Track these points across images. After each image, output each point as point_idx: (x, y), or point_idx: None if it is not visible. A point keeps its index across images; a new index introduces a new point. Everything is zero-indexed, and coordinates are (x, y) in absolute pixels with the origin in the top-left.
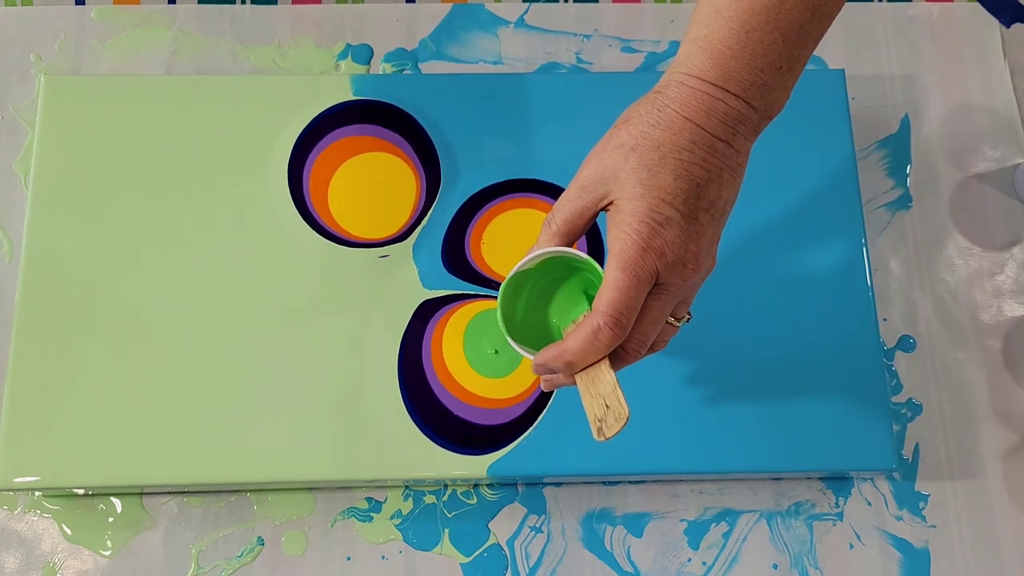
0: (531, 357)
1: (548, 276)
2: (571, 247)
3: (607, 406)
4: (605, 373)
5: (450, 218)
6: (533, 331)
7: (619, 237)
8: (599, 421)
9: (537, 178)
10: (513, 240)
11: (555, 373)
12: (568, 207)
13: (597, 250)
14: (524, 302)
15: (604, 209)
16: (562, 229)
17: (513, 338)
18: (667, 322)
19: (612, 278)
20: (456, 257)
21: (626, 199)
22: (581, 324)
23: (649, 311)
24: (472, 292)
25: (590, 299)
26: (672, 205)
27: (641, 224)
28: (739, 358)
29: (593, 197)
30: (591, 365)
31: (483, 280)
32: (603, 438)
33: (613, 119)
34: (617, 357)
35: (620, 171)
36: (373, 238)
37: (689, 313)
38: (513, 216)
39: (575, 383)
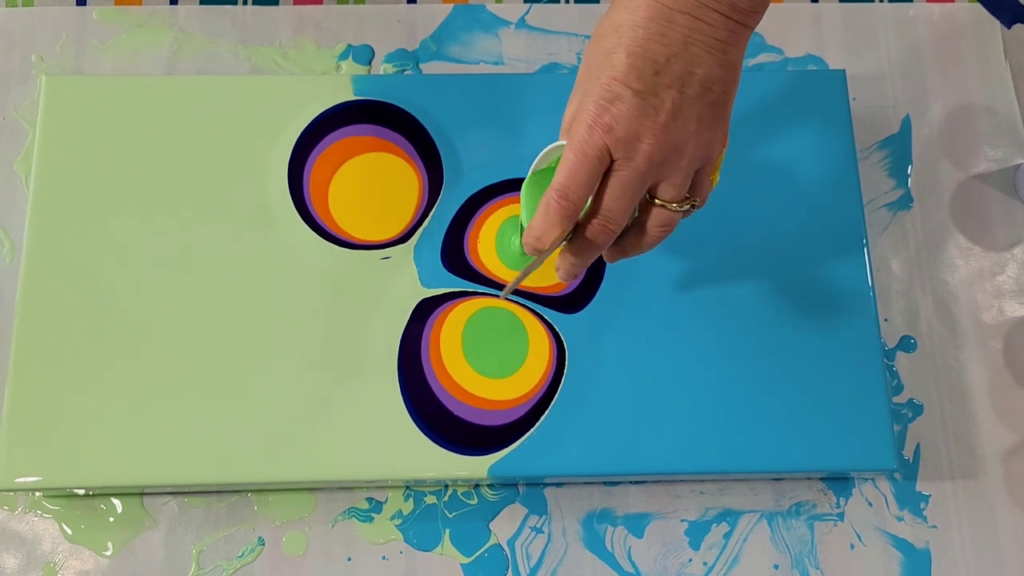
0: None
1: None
2: None
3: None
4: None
5: (451, 218)
6: None
7: (575, 120)
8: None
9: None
10: (508, 236)
11: (543, 253)
12: (567, 110)
13: None
14: None
15: None
16: (565, 127)
17: None
18: (660, 206)
19: (563, 156)
20: (455, 256)
21: (589, 85)
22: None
23: (608, 187)
24: (470, 290)
25: None
26: (623, 83)
27: (592, 103)
28: (739, 357)
29: (577, 97)
30: (559, 248)
31: (482, 279)
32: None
33: None
34: (583, 239)
35: (591, 61)
36: (375, 240)
37: (697, 202)
38: (512, 213)
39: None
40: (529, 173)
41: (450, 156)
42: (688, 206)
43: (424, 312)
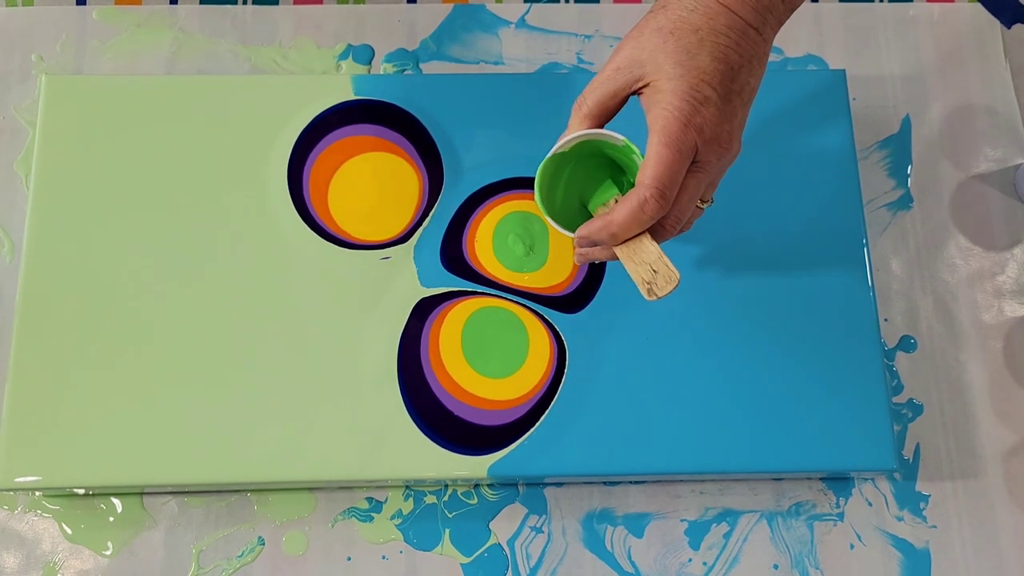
0: (571, 235)
1: (582, 164)
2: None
3: (655, 271)
4: (648, 244)
5: (450, 218)
6: (566, 215)
7: (661, 115)
8: (648, 284)
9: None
10: (508, 235)
11: (596, 246)
12: (601, 89)
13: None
14: (563, 186)
15: (637, 92)
16: (594, 111)
17: (555, 220)
18: (699, 206)
19: (656, 152)
20: (454, 256)
21: (665, 79)
22: (626, 197)
23: (687, 188)
24: (469, 289)
25: (618, 183)
26: (710, 85)
27: (683, 102)
28: (740, 358)
29: (628, 78)
30: (632, 239)
31: (480, 279)
32: (654, 297)
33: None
34: (655, 232)
35: (658, 53)
36: (375, 240)
37: (712, 198)
38: (510, 211)
39: (613, 257)
40: (549, 155)
41: (450, 156)
42: (709, 204)
43: (423, 312)
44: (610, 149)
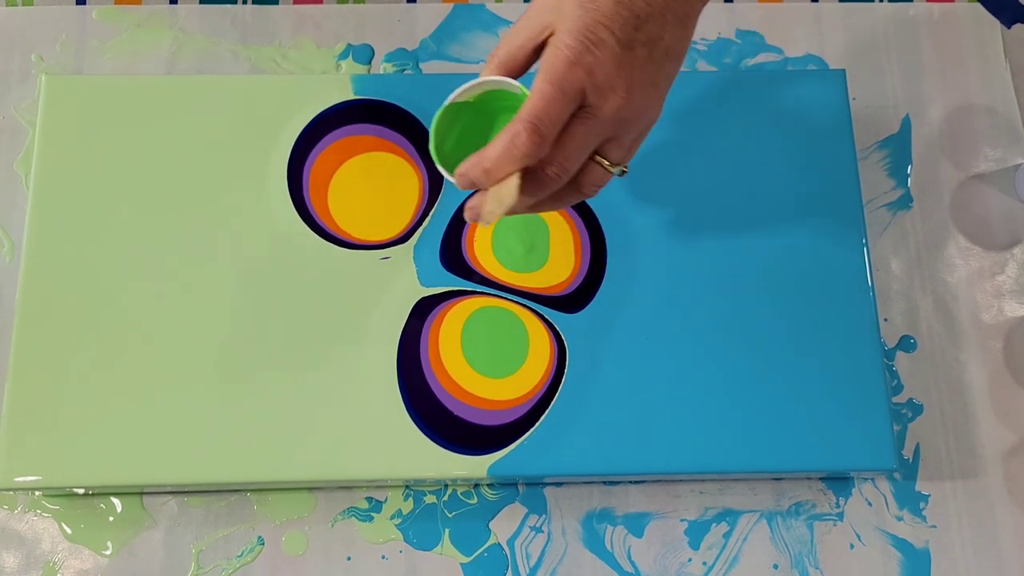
0: (453, 180)
1: (484, 114)
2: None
3: (502, 202)
4: (512, 183)
5: (449, 217)
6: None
7: (550, 53)
8: (489, 212)
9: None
10: (508, 234)
11: (476, 188)
12: (511, 40)
13: (599, 256)
14: (457, 134)
15: (546, 43)
16: (504, 61)
17: (443, 166)
18: (599, 163)
19: (537, 88)
20: (454, 255)
21: (564, 21)
22: (501, 132)
23: (573, 134)
24: (468, 289)
25: None
26: (608, 28)
27: (574, 40)
28: (739, 358)
29: (536, 27)
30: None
31: (480, 278)
32: (486, 222)
33: None
34: (538, 181)
35: (565, 1)
36: (375, 240)
37: (626, 168)
38: None
39: (498, 213)
40: (448, 101)
41: None
42: (620, 171)
43: (423, 311)
44: (511, 102)
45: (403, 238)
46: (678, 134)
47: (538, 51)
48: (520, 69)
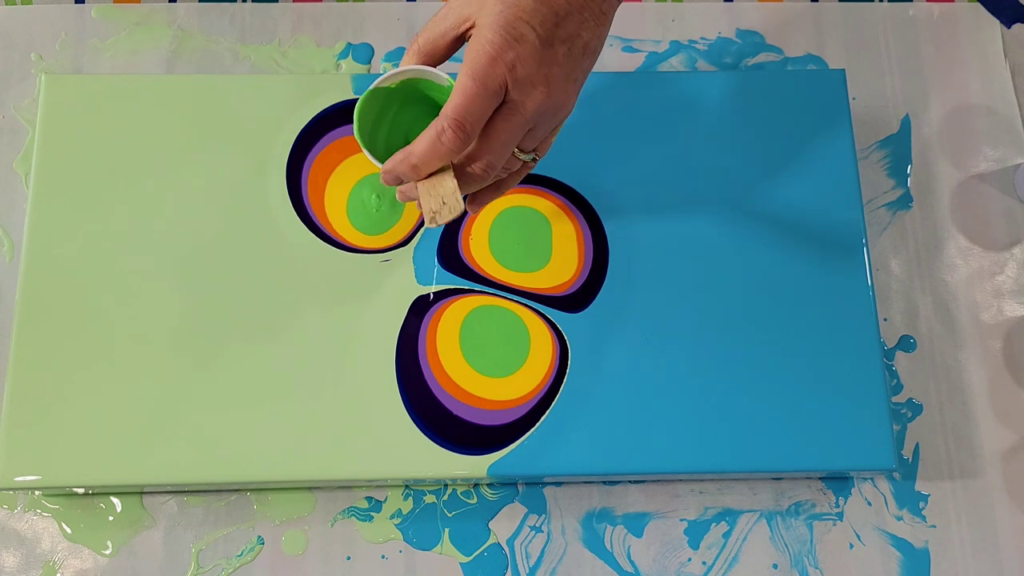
0: (380, 166)
1: (410, 107)
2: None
3: (444, 203)
4: (447, 178)
5: None
6: (388, 154)
7: (473, 48)
8: (433, 212)
9: (533, 172)
10: (508, 233)
11: (403, 183)
12: (432, 27)
13: (600, 266)
14: (387, 126)
15: (466, 34)
16: (424, 48)
17: (376, 157)
18: (514, 155)
19: (460, 84)
20: (450, 254)
21: (485, 15)
22: (426, 129)
23: (497, 131)
24: (466, 287)
25: None
26: (529, 24)
27: (496, 35)
28: (739, 358)
29: (457, 18)
30: (435, 173)
31: (476, 276)
32: (435, 224)
33: (612, 118)
34: (466, 177)
35: None
36: (377, 247)
37: (536, 153)
38: (506, 207)
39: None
40: (372, 86)
41: None
42: (532, 158)
43: (420, 309)
44: (436, 93)
45: (405, 241)
46: (678, 134)
47: (459, 41)
48: (441, 57)
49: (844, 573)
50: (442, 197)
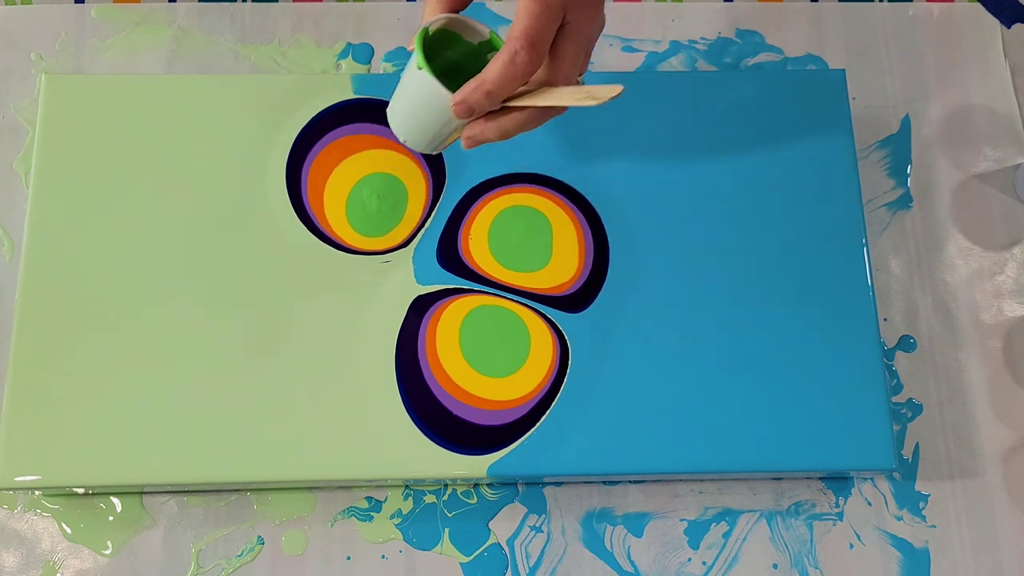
0: (450, 95)
1: (448, 59)
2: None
3: (588, 93)
4: (563, 86)
5: (447, 216)
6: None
7: None
8: (588, 95)
9: (533, 171)
10: (508, 233)
11: (474, 114)
12: None
13: (602, 268)
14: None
15: None
16: None
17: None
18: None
19: (523, 8)
20: (450, 253)
21: None
22: (497, 55)
23: (567, 54)
24: (465, 287)
25: None
26: None
27: None
28: (739, 358)
29: None
30: (537, 92)
31: (475, 276)
32: (599, 101)
33: (612, 118)
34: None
35: None
36: (376, 248)
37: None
38: (506, 206)
39: (503, 134)
40: (421, 27)
41: (452, 155)
42: (581, 80)
43: (420, 309)
44: (452, 49)
45: (406, 242)
46: (679, 134)
47: None
48: (465, 3)
49: (844, 573)
50: (581, 91)
